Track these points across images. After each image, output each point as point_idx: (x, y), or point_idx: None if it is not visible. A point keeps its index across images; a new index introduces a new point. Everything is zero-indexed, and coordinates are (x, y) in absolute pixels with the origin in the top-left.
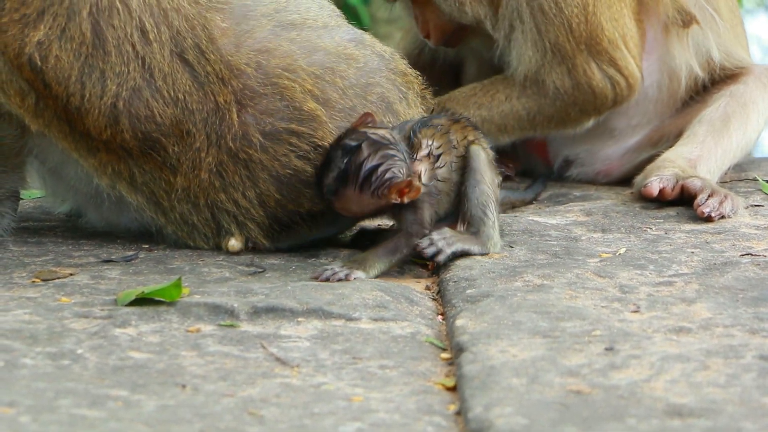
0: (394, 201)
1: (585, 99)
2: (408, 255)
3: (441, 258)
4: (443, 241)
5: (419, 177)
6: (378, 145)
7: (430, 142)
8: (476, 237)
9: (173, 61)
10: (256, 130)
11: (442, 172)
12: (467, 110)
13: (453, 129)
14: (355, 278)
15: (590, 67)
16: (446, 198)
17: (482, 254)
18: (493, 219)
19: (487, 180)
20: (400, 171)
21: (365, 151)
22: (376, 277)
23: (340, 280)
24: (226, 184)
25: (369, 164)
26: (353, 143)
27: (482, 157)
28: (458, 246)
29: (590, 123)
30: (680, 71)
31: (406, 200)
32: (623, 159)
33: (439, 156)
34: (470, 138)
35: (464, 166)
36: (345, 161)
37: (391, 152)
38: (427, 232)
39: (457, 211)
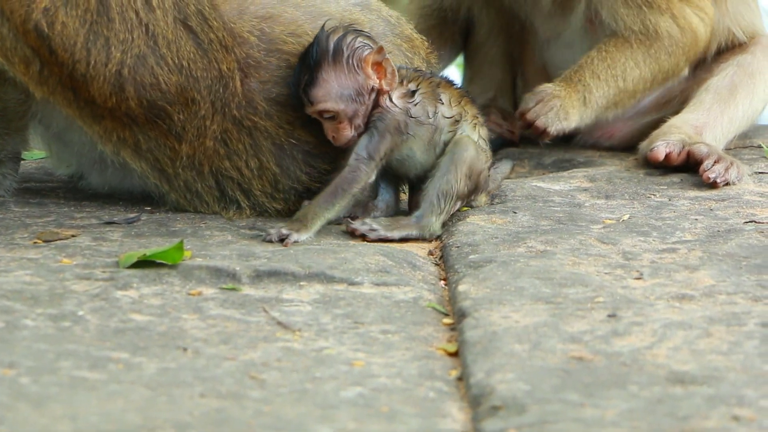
0: (373, 83)
1: (690, 43)
2: (352, 193)
3: (372, 236)
4: (381, 227)
5: (390, 98)
6: (346, 28)
7: (413, 85)
8: (416, 223)
9: (176, 28)
10: (261, 97)
11: (416, 111)
12: (607, 83)
13: (446, 89)
14: (294, 242)
15: (685, 11)
16: (418, 150)
17: (420, 237)
18: (441, 209)
19: (459, 174)
20: (371, 44)
21: (334, 31)
22: (320, 229)
23: (280, 241)
24: (231, 152)
25: (338, 35)
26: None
27: (468, 152)
28: (401, 233)
29: (686, 72)
30: (717, 34)
31: (384, 86)
32: (628, 122)
33: (414, 92)
34: (469, 111)
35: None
36: (316, 44)
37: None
38: (373, 165)
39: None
